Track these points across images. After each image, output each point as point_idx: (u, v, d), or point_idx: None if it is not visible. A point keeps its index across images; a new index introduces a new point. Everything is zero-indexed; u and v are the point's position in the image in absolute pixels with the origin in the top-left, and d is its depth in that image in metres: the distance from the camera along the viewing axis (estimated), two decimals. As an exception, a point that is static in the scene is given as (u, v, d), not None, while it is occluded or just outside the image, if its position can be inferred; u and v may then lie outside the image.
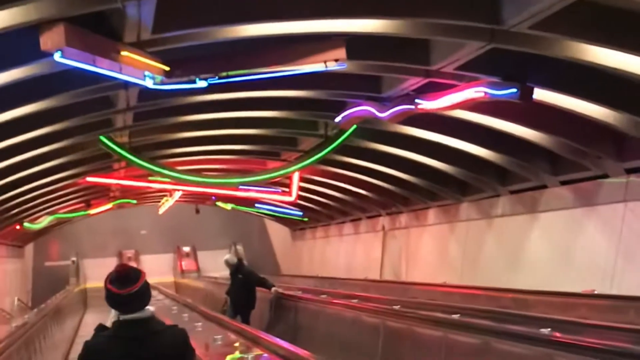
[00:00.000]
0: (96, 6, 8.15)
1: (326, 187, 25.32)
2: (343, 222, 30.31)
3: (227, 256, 15.86)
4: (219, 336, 8.96)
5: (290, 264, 38.03)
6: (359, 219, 28.49)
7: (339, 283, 23.88)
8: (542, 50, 10.46)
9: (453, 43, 10.84)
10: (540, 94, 12.11)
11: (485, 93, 11.87)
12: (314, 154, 17.93)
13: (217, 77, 10.36)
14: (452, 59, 11.15)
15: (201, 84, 10.48)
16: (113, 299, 4.17)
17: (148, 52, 9.72)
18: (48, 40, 7.51)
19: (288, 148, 20.09)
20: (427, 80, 12.50)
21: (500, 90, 11.71)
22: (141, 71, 9.74)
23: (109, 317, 4.42)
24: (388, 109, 13.66)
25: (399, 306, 11.66)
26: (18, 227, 27.90)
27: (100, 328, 4.35)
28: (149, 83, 10.07)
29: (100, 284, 4.35)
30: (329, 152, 17.66)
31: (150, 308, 4.27)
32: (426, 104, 12.93)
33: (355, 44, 10.76)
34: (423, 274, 22.56)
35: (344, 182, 23.68)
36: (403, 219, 24.68)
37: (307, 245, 35.69)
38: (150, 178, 22.19)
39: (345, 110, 14.92)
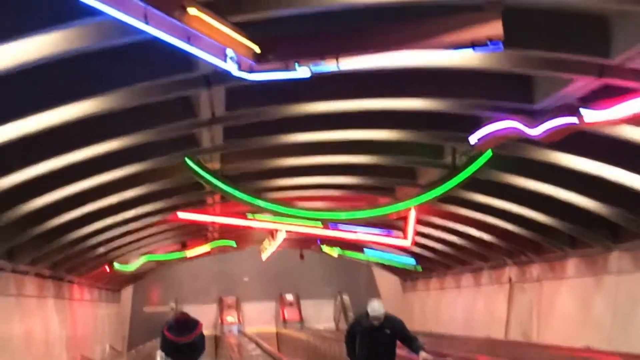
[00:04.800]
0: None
1: (443, 230, 22.20)
2: (461, 273, 27.35)
3: (375, 304, 9.56)
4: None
5: (401, 317, 35.03)
6: (481, 269, 25.51)
7: (458, 341, 20.84)
8: None
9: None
10: None
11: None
12: (435, 187, 15.01)
13: (323, 62, 7.64)
14: (643, 46, 8.15)
15: (302, 72, 7.79)
16: (168, 346, 4.96)
17: (230, 23, 7.13)
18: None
19: (405, 181, 17.15)
20: (598, 82, 9.47)
21: None
22: (221, 48, 7.14)
23: None
24: (540, 124, 10.63)
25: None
26: (108, 268, 25.89)
27: None
28: (232, 68, 7.47)
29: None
30: (455, 185, 14.71)
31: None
32: (595, 115, 9.84)
33: (508, 26, 7.88)
34: (558, 335, 19.68)
35: (464, 224, 20.42)
36: (534, 269, 21.68)
37: (419, 297, 33.03)
38: (249, 216, 19.90)
39: (482, 127, 11.83)
